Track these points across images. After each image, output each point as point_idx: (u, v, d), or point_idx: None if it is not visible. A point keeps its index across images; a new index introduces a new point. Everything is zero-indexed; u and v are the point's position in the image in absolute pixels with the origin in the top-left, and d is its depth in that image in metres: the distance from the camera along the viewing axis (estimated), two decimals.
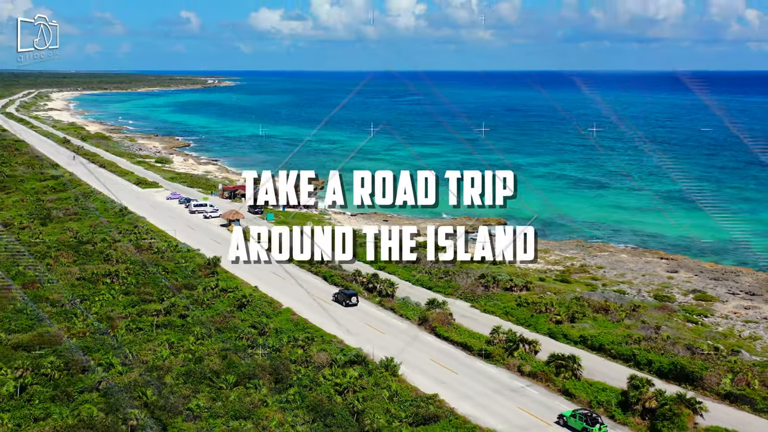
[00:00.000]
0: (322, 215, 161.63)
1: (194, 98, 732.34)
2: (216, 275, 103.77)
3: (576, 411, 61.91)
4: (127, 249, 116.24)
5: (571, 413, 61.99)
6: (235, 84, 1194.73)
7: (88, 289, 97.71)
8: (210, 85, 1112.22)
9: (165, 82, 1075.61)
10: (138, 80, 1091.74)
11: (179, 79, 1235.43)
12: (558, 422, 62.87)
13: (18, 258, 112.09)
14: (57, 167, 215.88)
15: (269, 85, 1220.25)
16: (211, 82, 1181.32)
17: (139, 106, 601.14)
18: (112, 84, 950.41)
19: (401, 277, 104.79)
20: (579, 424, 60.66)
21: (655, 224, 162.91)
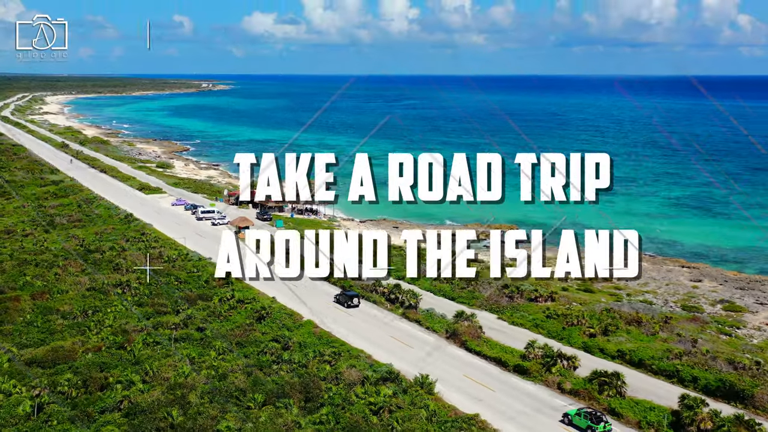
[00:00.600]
0: (330, 222, 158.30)
1: (189, 102, 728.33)
2: (231, 285, 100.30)
3: (580, 409, 62.18)
4: (136, 258, 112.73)
5: (575, 412, 62.19)
6: (229, 88, 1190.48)
7: (99, 300, 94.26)
8: (204, 88, 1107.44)
9: (159, 86, 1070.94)
10: (132, 84, 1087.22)
11: (173, 82, 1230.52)
12: (563, 421, 62.91)
13: (25, 267, 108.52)
14: (57, 172, 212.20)
15: (263, 88, 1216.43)
16: (205, 85, 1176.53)
17: (135, 109, 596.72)
18: (106, 87, 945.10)
19: (422, 287, 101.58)
20: (584, 422, 60.83)
21: (669, 231, 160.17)
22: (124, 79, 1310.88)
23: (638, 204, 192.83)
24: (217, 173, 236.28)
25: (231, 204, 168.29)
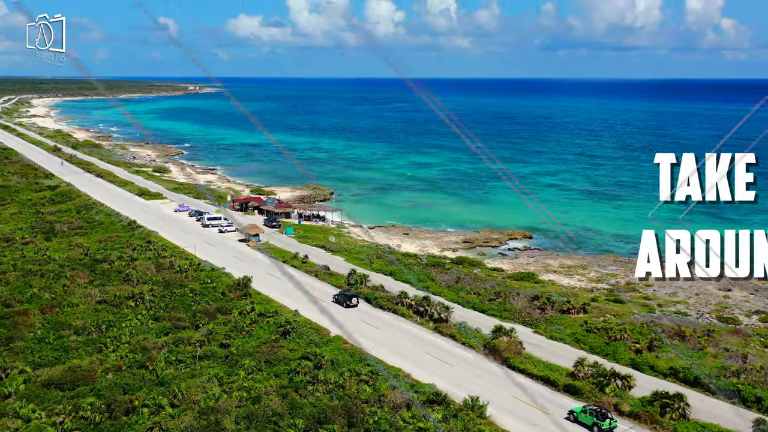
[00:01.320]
0: (339, 228, 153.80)
1: (177, 105, 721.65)
2: (249, 297, 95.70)
3: (586, 406, 62.61)
4: (146, 268, 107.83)
5: (581, 409, 62.53)
6: (216, 91, 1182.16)
7: (112, 313, 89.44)
8: (192, 91, 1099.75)
9: (145, 89, 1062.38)
10: (118, 86, 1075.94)
11: (159, 85, 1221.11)
12: (568, 418, 63.10)
13: (30, 278, 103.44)
14: (52, 177, 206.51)
15: (251, 91, 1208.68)
16: (192, 88, 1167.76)
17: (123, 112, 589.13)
18: (92, 90, 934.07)
19: (448, 299, 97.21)
20: (589, 419, 61.16)
21: None
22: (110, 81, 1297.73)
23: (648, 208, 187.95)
24: (215, 178, 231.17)
25: (235, 210, 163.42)
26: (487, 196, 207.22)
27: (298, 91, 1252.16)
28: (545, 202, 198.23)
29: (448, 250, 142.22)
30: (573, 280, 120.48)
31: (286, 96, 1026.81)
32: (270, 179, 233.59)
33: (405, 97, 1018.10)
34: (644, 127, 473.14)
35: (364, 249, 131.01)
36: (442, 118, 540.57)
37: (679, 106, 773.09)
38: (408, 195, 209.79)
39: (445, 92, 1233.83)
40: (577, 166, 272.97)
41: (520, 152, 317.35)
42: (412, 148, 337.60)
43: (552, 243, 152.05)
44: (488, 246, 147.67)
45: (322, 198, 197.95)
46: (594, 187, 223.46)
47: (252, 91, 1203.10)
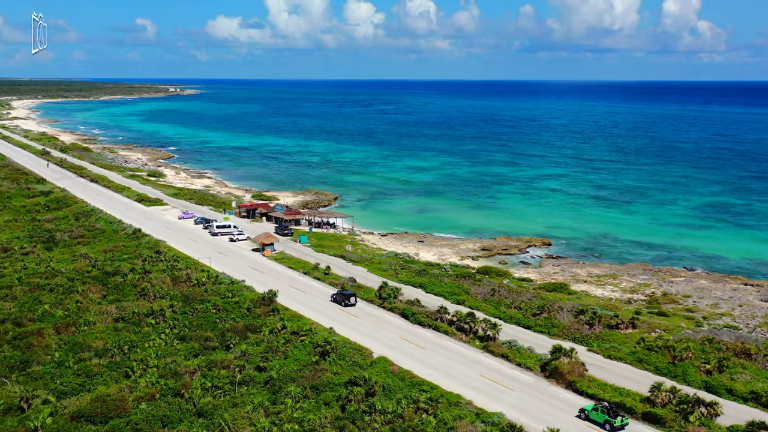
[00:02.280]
0: (352, 236, 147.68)
1: (161, 107, 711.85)
2: (277, 313, 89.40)
3: (597, 405, 62.50)
4: (162, 281, 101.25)
5: (592, 407, 62.51)
6: (198, 92, 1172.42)
7: (133, 332, 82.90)
8: (172, 93, 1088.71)
9: (126, 90, 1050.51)
10: (98, 88, 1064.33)
11: (139, 87, 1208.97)
12: (579, 416, 63.03)
13: (39, 293, 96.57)
14: (44, 182, 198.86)
15: (233, 93, 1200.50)
16: (173, 90, 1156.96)
17: (107, 114, 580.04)
18: (72, 92, 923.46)
19: (488, 313, 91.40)
20: (601, 417, 61.09)
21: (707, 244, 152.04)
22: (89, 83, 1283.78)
23: (661, 214, 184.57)
24: (212, 182, 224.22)
25: (242, 217, 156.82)
26: (494, 202, 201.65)
27: (279, 93, 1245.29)
28: (554, 208, 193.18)
29: (468, 259, 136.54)
30: (606, 290, 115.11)
31: (267, 98, 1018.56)
32: (268, 184, 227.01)
33: (388, 99, 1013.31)
34: (634, 129, 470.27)
35: (384, 258, 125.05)
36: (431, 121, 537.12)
37: (662, 107, 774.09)
38: (413, 200, 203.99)
39: (427, 94, 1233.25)
40: (577, 170, 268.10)
41: (516, 156, 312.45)
42: (407, 151, 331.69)
43: (573, 250, 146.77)
44: (508, 254, 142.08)
45: (326, 203, 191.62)
46: (599, 191, 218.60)
47: (232, 93, 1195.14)
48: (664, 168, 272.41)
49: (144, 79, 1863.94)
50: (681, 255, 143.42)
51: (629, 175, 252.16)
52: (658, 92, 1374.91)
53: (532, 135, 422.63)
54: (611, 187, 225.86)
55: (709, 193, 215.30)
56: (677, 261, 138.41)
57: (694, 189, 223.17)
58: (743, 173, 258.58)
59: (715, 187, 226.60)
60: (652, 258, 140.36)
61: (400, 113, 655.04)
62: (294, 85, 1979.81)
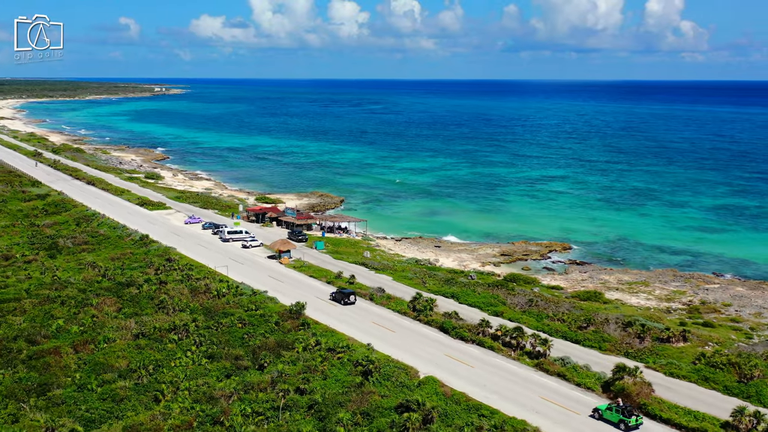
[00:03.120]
0: (367, 241, 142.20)
1: (148, 106, 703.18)
2: (308, 327, 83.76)
3: (611, 404, 62.34)
4: (180, 292, 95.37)
5: (606, 406, 62.37)
6: (184, 92, 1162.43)
7: (156, 350, 77.13)
8: (158, 92, 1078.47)
9: (111, 90, 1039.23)
10: (82, 88, 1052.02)
11: (124, 86, 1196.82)
12: (593, 416, 62.85)
13: (50, 307, 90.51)
14: (39, 184, 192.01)
15: (218, 93, 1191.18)
16: (158, 89, 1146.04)
17: (95, 114, 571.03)
18: (56, 91, 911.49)
19: (531, 326, 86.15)
20: (615, 416, 60.90)
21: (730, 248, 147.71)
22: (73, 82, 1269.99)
23: (675, 216, 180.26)
24: (211, 184, 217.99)
25: (251, 221, 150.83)
26: (502, 204, 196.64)
27: (264, 93, 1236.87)
28: (565, 210, 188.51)
29: (489, 265, 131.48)
30: (640, 298, 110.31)
31: (253, 97, 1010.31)
32: (268, 186, 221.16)
33: (376, 98, 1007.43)
34: (627, 129, 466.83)
35: (405, 265, 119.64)
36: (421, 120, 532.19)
37: (650, 107, 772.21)
38: (419, 202, 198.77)
39: (414, 94, 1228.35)
40: (578, 171, 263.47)
41: (514, 156, 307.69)
42: (403, 152, 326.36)
43: (594, 255, 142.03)
44: (529, 259, 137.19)
45: (332, 206, 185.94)
46: (607, 193, 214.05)
47: (218, 93, 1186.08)
48: (666, 169, 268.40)
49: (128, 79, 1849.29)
50: (706, 260, 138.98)
51: (633, 177, 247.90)
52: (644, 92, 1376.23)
53: (526, 135, 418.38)
54: (618, 189, 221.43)
55: (718, 195, 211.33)
56: (704, 266, 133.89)
57: (702, 190, 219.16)
58: (747, 174, 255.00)
59: (723, 189, 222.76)
60: (677, 263, 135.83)
61: (389, 113, 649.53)
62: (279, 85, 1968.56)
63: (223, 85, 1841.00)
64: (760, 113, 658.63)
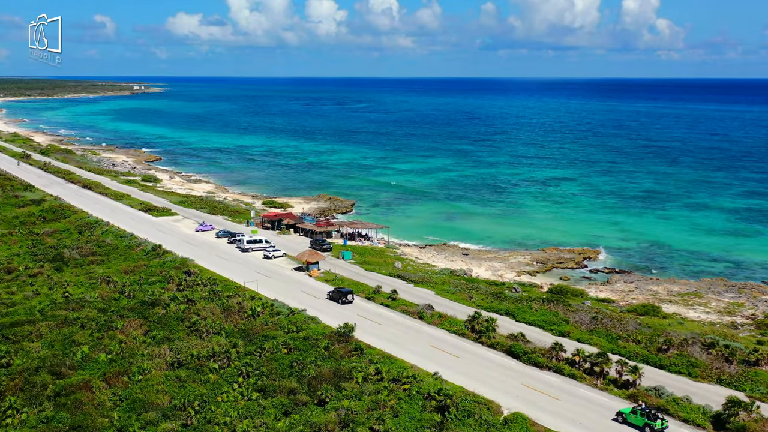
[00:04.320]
0: (392, 249, 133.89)
1: (129, 105, 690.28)
2: (361, 353, 75.32)
3: (635, 407, 60.47)
4: (211, 312, 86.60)
5: (630, 410, 60.46)
6: (163, 90, 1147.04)
7: (198, 382, 68.44)
8: (137, 91, 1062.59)
9: (89, 89, 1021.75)
10: (60, 86, 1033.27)
11: (102, 85, 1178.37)
12: (616, 419, 61.16)
13: (70, 330, 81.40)
14: (33, 189, 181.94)
15: (198, 91, 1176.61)
16: (137, 88, 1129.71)
17: (76, 113, 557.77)
18: (33, 90, 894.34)
19: (604, 348, 78.03)
20: (640, 420, 59.16)
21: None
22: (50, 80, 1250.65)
23: (698, 219, 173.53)
24: (212, 187, 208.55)
25: (265, 228, 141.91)
26: (517, 208, 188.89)
27: (245, 91, 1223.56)
28: (585, 214, 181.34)
29: (525, 274, 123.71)
30: (698, 312, 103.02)
31: (235, 96, 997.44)
32: (271, 188, 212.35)
33: (358, 97, 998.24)
34: (621, 127, 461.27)
35: (441, 276, 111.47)
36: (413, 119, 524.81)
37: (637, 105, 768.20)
38: (431, 205, 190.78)
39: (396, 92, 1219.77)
40: (585, 171, 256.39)
41: (515, 157, 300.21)
42: (400, 152, 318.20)
43: (631, 262, 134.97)
44: (564, 267, 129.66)
45: (342, 210, 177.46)
46: (622, 195, 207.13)
47: (198, 91, 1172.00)
48: (672, 169, 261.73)
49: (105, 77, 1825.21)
50: (749, 267, 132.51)
51: (642, 178, 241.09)
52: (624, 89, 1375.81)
53: (520, 134, 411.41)
54: (631, 191, 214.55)
55: (734, 196, 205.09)
56: (750, 274, 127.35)
57: (717, 192, 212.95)
58: (756, 175, 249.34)
59: (736, 190, 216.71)
60: (722, 272, 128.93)
61: (375, 112, 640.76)
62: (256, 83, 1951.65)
63: (201, 83, 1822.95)
64: (746, 111, 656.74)
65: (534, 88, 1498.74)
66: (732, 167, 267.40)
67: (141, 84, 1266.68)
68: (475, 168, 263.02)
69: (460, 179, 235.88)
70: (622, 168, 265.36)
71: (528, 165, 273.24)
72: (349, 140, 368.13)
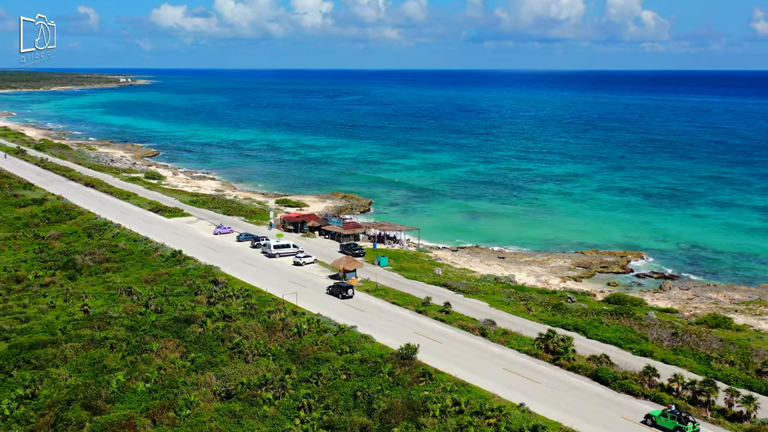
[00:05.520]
0: (425, 253, 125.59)
1: (118, 98, 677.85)
2: (431, 379, 67.04)
3: (665, 410, 58.42)
4: (254, 330, 78.03)
5: (660, 413, 58.46)
6: (150, 83, 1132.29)
7: (255, 417, 60.03)
8: (124, 83, 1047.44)
9: (75, 81, 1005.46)
10: (45, 78, 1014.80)
11: (88, 77, 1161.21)
12: (645, 422, 59.08)
13: (99, 353, 72.64)
14: (32, 187, 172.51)
15: (186, 83, 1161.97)
16: (124, 80, 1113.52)
17: (65, 106, 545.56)
18: (18, 82, 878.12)
19: (697, 371, 70.29)
20: (671, 423, 57.21)
21: None
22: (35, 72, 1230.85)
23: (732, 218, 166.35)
24: (218, 184, 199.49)
25: (288, 230, 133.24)
26: (541, 205, 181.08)
27: (232, 83, 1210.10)
28: (612, 212, 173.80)
29: (570, 280, 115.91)
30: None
31: (224, 89, 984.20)
32: (279, 185, 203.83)
33: (349, 89, 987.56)
34: (622, 121, 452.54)
35: (487, 284, 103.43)
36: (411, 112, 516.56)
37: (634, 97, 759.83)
38: (451, 203, 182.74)
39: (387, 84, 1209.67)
40: (599, 167, 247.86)
41: (525, 151, 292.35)
42: (406, 146, 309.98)
43: (676, 265, 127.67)
44: (609, 272, 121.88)
45: (360, 209, 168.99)
46: (645, 192, 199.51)
47: (185, 84, 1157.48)
48: (687, 165, 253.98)
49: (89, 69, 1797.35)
50: None
51: (657, 174, 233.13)
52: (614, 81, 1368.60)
53: (522, 127, 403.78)
54: (652, 187, 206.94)
55: (762, 192, 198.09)
56: None
57: (741, 188, 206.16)
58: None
59: (762, 185, 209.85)
60: None
61: (369, 104, 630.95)
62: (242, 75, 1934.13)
63: (187, 75, 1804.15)
64: (742, 103, 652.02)
65: (523, 80, 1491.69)
66: (747, 162, 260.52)
67: (127, 76, 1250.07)
68: (484, 163, 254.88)
69: (471, 175, 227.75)
70: (633, 163, 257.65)
71: (537, 160, 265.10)
72: (349, 134, 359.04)
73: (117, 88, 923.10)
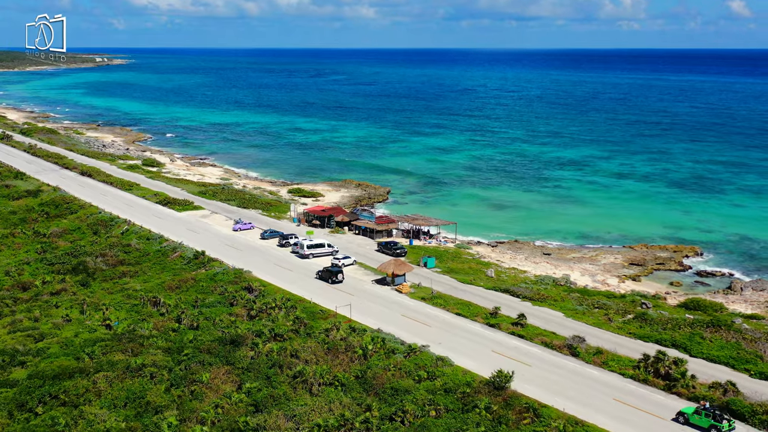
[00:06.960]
0: (465, 249, 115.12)
1: (96, 78, 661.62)
2: (536, 416, 56.87)
3: (699, 407, 55.26)
4: (313, 352, 67.34)
5: (694, 410, 55.33)
6: (127, 62, 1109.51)
7: None
8: (100, 63, 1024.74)
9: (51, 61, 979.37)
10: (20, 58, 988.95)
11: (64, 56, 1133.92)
12: (677, 420, 55.83)
13: (141, 384, 61.68)
14: (25, 177, 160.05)
15: (164, 63, 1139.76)
16: (100, 60, 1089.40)
17: (44, 87, 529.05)
18: None
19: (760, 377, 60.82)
20: (706, 421, 54.14)
21: None
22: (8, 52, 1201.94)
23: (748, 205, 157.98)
24: (222, 172, 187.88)
25: (312, 225, 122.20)
26: (567, 193, 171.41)
27: (209, 63, 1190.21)
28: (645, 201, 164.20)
29: (628, 279, 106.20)
30: None
31: (201, 68, 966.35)
32: (287, 173, 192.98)
33: (332, 68, 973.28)
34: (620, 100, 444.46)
35: (547, 287, 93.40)
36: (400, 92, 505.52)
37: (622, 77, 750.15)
38: (471, 191, 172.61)
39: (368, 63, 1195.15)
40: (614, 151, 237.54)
41: (528, 133, 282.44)
42: (405, 127, 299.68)
43: (732, 262, 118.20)
44: (667, 269, 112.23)
45: (378, 199, 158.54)
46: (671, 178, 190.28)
47: (163, 63, 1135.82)
48: (701, 148, 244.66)
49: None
50: None
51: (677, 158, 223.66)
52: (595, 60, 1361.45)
53: (519, 108, 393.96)
54: (676, 173, 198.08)
55: None
56: None
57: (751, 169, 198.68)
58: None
59: None
60: None
61: (356, 84, 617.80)
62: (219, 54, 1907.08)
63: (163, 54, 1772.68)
64: (733, 82, 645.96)
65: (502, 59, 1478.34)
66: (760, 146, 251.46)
67: (103, 56, 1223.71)
68: (491, 148, 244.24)
69: (481, 161, 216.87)
70: (646, 147, 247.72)
71: (546, 144, 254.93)
72: (345, 116, 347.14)
73: (94, 68, 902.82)
